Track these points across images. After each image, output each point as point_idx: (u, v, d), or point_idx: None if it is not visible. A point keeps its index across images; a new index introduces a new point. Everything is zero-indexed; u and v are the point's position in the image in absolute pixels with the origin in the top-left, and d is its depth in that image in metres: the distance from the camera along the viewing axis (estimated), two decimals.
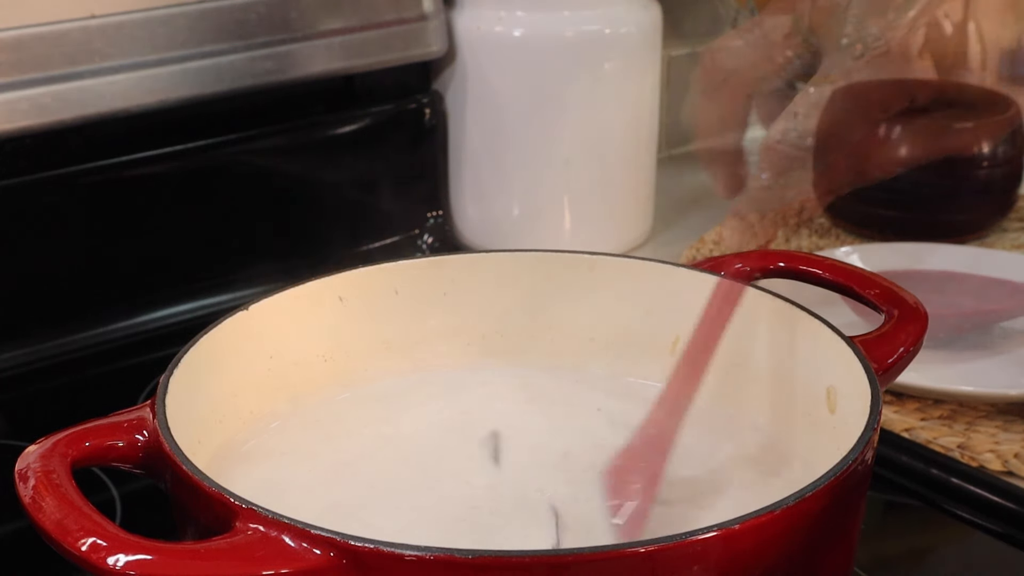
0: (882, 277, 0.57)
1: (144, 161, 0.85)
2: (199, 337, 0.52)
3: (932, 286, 0.82)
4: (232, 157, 0.88)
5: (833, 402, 0.52)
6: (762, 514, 0.39)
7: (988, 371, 0.77)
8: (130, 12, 0.80)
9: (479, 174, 0.98)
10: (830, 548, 0.44)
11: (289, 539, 0.39)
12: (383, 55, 0.91)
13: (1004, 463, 0.69)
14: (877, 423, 0.45)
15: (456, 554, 0.37)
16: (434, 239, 1.00)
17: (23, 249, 0.82)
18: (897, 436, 0.71)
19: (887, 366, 0.52)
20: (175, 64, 0.82)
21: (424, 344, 0.61)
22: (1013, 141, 0.98)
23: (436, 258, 0.62)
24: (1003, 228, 1.03)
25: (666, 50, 1.11)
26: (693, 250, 0.99)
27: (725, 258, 0.61)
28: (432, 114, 0.97)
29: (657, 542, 0.38)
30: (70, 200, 0.82)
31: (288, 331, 0.57)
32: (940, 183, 0.97)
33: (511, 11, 0.92)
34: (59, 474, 0.42)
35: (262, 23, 0.84)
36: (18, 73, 0.76)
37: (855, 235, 1.02)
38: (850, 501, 0.44)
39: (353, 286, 0.59)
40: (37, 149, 0.80)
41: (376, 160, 0.95)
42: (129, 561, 0.38)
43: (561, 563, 0.37)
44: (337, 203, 0.94)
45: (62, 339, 0.83)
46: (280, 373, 0.57)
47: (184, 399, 0.49)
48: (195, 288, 0.89)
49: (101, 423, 0.46)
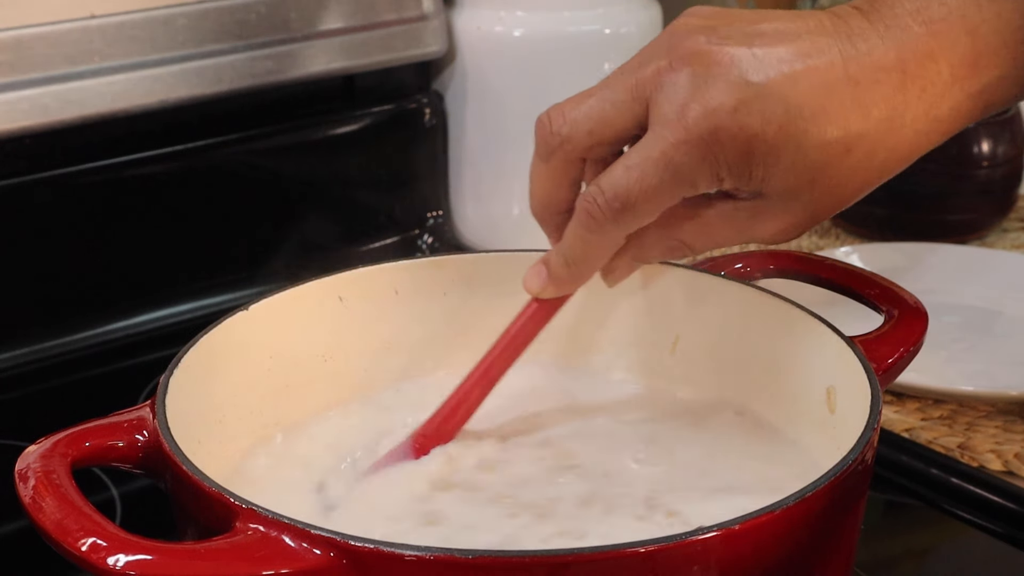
0: (882, 277, 0.57)
1: (144, 161, 0.85)
2: (199, 337, 0.52)
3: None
4: (232, 157, 0.88)
5: (833, 402, 0.52)
6: (762, 514, 0.39)
7: (988, 371, 0.77)
8: (130, 12, 0.80)
9: (479, 174, 0.97)
10: (830, 548, 0.44)
11: (289, 539, 0.39)
12: (383, 55, 0.91)
13: (1004, 463, 0.69)
14: (877, 423, 0.45)
15: (456, 554, 0.37)
16: (434, 239, 1.00)
17: (23, 249, 0.82)
18: (897, 436, 0.71)
19: (887, 366, 0.52)
20: (175, 64, 0.82)
21: (424, 344, 0.61)
22: (1013, 141, 0.98)
23: (436, 258, 0.62)
24: (1003, 228, 1.03)
25: None
26: None
27: (725, 258, 0.61)
28: (432, 114, 0.97)
29: (657, 542, 0.38)
30: (70, 200, 0.82)
31: (288, 331, 0.57)
32: (940, 183, 0.97)
33: (511, 11, 0.92)
34: (59, 474, 0.42)
35: (262, 23, 0.84)
36: (18, 73, 0.76)
37: (855, 235, 1.02)
38: (850, 501, 0.44)
39: (353, 286, 0.59)
40: (37, 149, 0.80)
41: (376, 160, 0.95)
42: (129, 561, 0.38)
43: (561, 563, 0.37)
44: (337, 203, 0.94)
45: (62, 339, 0.83)
46: (280, 373, 0.57)
47: (184, 399, 0.49)
48: (195, 288, 0.89)
49: (101, 423, 0.46)
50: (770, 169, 0.46)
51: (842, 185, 0.47)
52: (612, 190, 0.47)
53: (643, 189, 0.46)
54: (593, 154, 0.49)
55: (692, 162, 0.46)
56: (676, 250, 0.51)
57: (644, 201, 0.47)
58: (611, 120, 0.48)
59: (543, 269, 0.52)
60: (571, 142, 0.49)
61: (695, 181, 0.46)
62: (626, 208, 0.47)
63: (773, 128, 0.45)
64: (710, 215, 0.49)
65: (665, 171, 0.46)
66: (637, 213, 0.47)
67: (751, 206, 0.49)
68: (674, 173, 0.46)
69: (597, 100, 0.48)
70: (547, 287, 0.52)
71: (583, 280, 0.52)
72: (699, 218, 0.50)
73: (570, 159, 0.50)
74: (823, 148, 0.46)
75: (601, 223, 0.48)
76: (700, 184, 0.47)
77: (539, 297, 0.53)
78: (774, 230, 0.49)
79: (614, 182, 0.47)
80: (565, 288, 0.52)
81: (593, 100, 0.49)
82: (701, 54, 0.46)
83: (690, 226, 0.50)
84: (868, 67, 0.46)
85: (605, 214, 0.47)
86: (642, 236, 0.50)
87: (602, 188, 0.47)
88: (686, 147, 0.45)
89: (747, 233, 0.50)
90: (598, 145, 0.49)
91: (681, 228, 0.50)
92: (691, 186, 0.47)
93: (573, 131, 0.49)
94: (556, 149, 0.49)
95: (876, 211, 0.98)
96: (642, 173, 0.46)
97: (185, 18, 0.82)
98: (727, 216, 0.49)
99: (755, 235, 0.50)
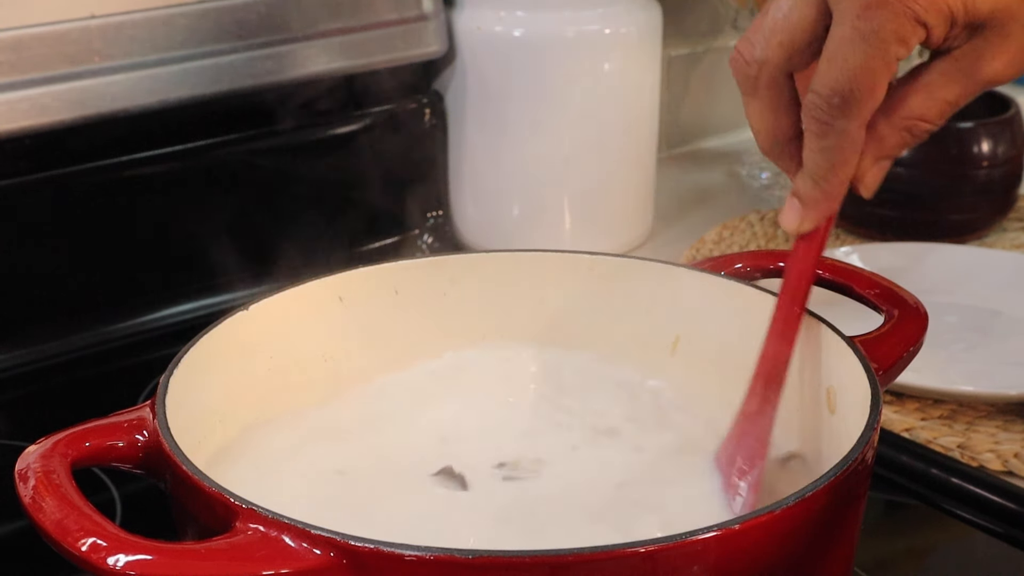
0: (882, 277, 0.57)
1: (144, 161, 0.85)
2: (199, 337, 0.52)
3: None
4: (232, 157, 0.88)
5: (833, 402, 0.52)
6: (762, 514, 0.39)
7: (988, 371, 0.77)
8: (130, 12, 0.80)
9: (479, 174, 0.97)
10: (830, 548, 0.44)
11: (289, 539, 0.39)
12: (383, 55, 0.91)
13: (1004, 463, 0.69)
14: (877, 423, 0.45)
15: (456, 554, 0.37)
16: (434, 239, 1.00)
17: (23, 249, 0.82)
18: (897, 436, 0.71)
19: (887, 366, 0.52)
20: (175, 64, 0.82)
21: (424, 344, 0.61)
22: (1013, 141, 0.98)
23: (436, 258, 0.62)
24: (1003, 228, 1.03)
25: (666, 50, 1.11)
26: (693, 250, 0.99)
27: (725, 258, 0.61)
28: (432, 114, 0.97)
29: (657, 542, 0.38)
30: (70, 200, 0.82)
31: (288, 331, 0.57)
32: (940, 183, 0.97)
33: (511, 11, 0.92)
34: (59, 474, 0.42)
35: (262, 23, 0.84)
36: (18, 73, 0.76)
37: (855, 235, 1.02)
38: (850, 501, 0.44)
39: (353, 286, 0.59)
40: (37, 149, 0.80)
41: (376, 160, 0.95)
42: (129, 561, 0.38)
43: (561, 563, 0.37)
44: (337, 203, 0.94)
45: (62, 339, 0.83)
46: (280, 373, 0.57)
47: (184, 399, 0.49)
48: (195, 288, 0.89)
49: (101, 423, 0.46)
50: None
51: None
52: (826, 87, 0.46)
53: (853, 71, 0.45)
54: (796, 65, 0.48)
55: (885, 20, 0.44)
56: (914, 128, 0.48)
57: (860, 82, 0.45)
58: (796, 24, 0.47)
59: (795, 201, 0.50)
60: (769, 62, 0.48)
61: (900, 36, 0.45)
62: (846, 98, 0.46)
63: None
64: (931, 78, 0.48)
65: (864, 43, 0.44)
66: (860, 98, 0.46)
67: (970, 49, 0.46)
68: (873, 40, 0.44)
69: (775, 10, 0.47)
70: (805, 217, 0.50)
71: (838, 196, 0.49)
72: (923, 87, 0.48)
73: (776, 80, 0.48)
74: None
75: (831, 124, 0.46)
76: (907, 37, 0.45)
77: (800, 231, 0.51)
78: (1003, 63, 0.47)
79: (824, 79, 0.46)
80: (822, 210, 0.50)
81: (772, 12, 0.47)
82: None
83: (917, 99, 0.48)
84: None
85: (830, 113, 0.46)
86: (876, 129, 0.48)
87: (816, 90, 0.46)
88: (873, 9, 0.44)
89: (976, 79, 0.47)
90: (796, 54, 0.47)
91: (910, 104, 0.48)
92: (899, 43, 0.45)
93: (767, 50, 0.47)
94: (758, 76, 0.48)
95: (876, 211, 0.98)
96: (843, 57, 0.45)
97: (185, 18, 0.82)
98: (950, 71, 0.47)
99: (985, 78, 0.47)
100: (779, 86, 0.48)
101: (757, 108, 0.49)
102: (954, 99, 0.48)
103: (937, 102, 0.48)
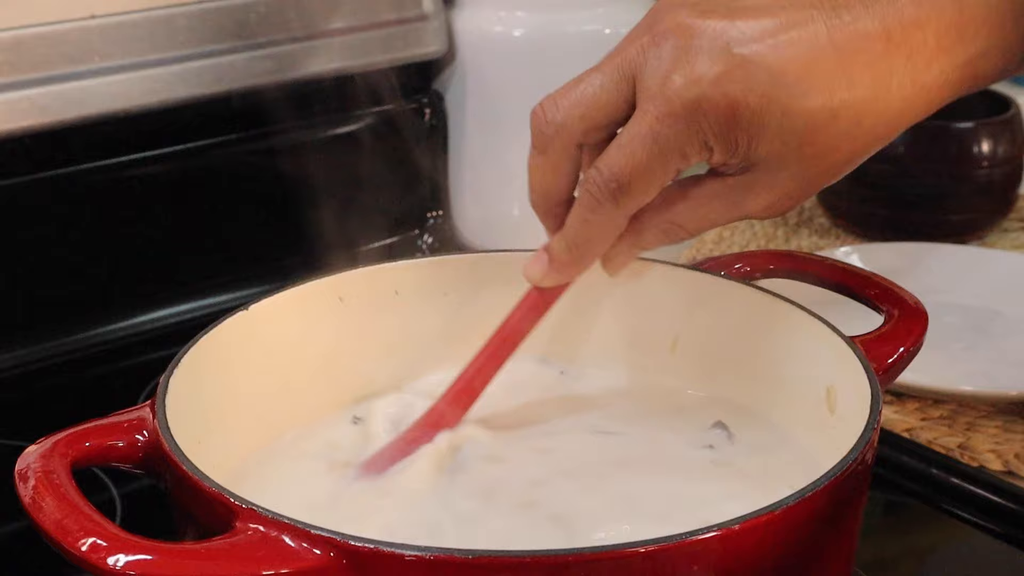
0: (882, 277, 0.57)
1: (144, 161, 0.85)
2: (199, 337, 0.52)
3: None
4: (232, 157, 0.88)
5: (833, 402, 0.52)
6: (762, 514, 0.39)
7: (988, 371, 0.77)
8: (130, 12, 0.80)
9: (479, 174, 0.97)
10: (830, 548, 0.44)
11: (289, 539, 0.39)
12: (383, 55, 0.91)
13: (1004, 463, 0.69)
14: (877, 423, 0.45)
15: (456, 554, 0.37)
16: (434, 239, 1.00)
17: (23, 249, 0.82)
18: (897, 436, 0.71)
19: (887, 366, 0.52)
20: (175, 64, 0.82)
21: (424, 344, 0.61)
22: (1013, 141, 0.98)
23: (436, 258, 0.62)
24: (1003, 228, 1.03)
25: None
26: (693, 250, 0.99)
27: (725, 258, 0.61)
28: (432, 114, 0.97)
29: (657, 542, 0.38)
30: (70, 200, 0.82)
31: (288, 331, 0.57)
32: (940, 183, 0.97)
33: (511, 11, 0.92)
34: (59, 474, 0.42)
35: (262, 23, 0.84)
36: (18, 73, 0.76)
37: (855, 235, 1.02)
38: (850, 501, 0.44)
39: (353, 286, 0.59)
40: (37, 149, 0.80)
41: (376, 160, 0.95)
42: (129, 561, 0.38)
43: (561, 563, 0.37)
44: (337, 203, 0.94)
45: (62, 339, 0.83)
46: (280, 373, 0.57)
47: (184, 399, 0.49)
48: (195, 288, 0.89)
49: (101, 423, 0.46)
50: (756, 137, 0.46)
51: (830, 152, 0.47)
52: (608, 170, 0.47)
53: (635, 166, 0.47)
54: (589, 139, 0.49)
55: (678, 133, 0.46)
56: (672, 232, 0.50)
57: (639, 178, 0.47)
58: (601, 102, 0.48)
59: (544, 256, 0.52)
60: (566, 129, 0.49)
61: (684, 152, 0.46)
62: (623, 187, 0.47)
63: (756, 95, 0.45)
64: (701, 193, 0.49)
65: (654, 145, 0.46)
66: (634, 191, 0.47)
67: (741, 180, 0.48)
68: (662, 146, 0.46)
69: (586, 85, 0.49)
70: (549, 274, 0.52)
71: (585, 265, 0.51)
72: (691, 198, 0.49)
73: (567, 147, 0.49)
74: (809, 114, 0.46)
75: (601, 203, 0.48)
76: (690, 155, 0.47)
77: (540, 285, 0.53)
78: (765, 203, 0.49)
79: (609, 162, 0.47)
80: (567, 273, 0.52)
81: (583, 85, 0.49)
82: (683, 27, 0.46)
83: (683, 207, 0.50)
84: (852, 35, 0.46)
85: (605, 194, 0.47)
86: (639, 220, 0.50)
87: (599, 167, 0.47)
88: (671, 119, 0.46)
89: (739, 208, 0.49)
90: (592, 130, 0.49)
91: (675, 209, 0.50)
92: (681, 157, 0.47)
93: (567, 118, 0.49)
94: (552, 138, 0.49)
95: (876, 211, 0.98)
96: (632, 150, 0.46)
97: (185, 18, 0.82)
98: (718, 193, 0.49)
99: (747, 209, 0.49)
100: (569, 153, 0.50)
101: (541, 166, 0.51)
102: (714, 218, 0.50)
103: (699, 216, 0.50)
